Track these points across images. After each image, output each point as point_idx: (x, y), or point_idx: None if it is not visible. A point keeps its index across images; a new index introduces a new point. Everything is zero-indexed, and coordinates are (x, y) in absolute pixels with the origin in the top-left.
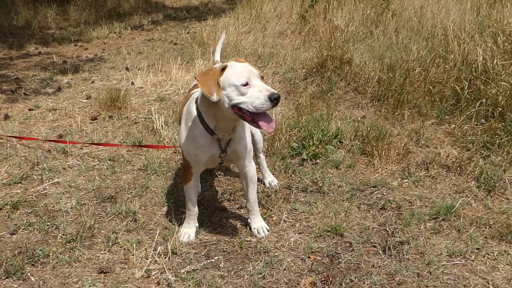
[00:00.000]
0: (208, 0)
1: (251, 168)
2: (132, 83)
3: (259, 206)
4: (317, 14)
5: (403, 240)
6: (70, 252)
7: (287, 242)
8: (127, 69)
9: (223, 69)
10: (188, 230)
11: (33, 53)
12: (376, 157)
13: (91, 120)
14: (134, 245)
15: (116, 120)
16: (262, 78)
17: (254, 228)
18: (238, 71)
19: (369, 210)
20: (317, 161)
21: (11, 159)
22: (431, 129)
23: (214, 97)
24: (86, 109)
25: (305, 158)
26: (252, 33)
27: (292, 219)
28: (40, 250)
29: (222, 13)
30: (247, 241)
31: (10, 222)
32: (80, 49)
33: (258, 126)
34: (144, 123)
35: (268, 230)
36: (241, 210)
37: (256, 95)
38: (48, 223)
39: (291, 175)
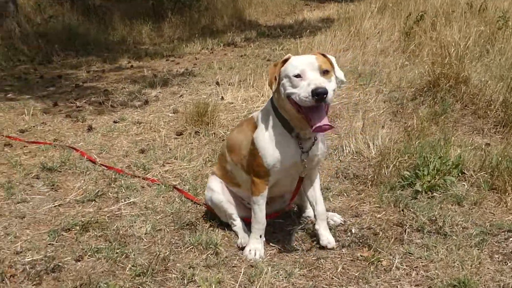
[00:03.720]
0: (303, 18)
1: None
2: (222, 98)
3: (364, 247)
4: (423, 32)
5: None
6: None
7: None
8: (217, 83)
9: (287, 60)
10: (258, 246)
11: (125, 67)
12: (509, 194)
13: (176, 135)
14: (213, 286)
15: (203, 136)
16: (326, 72)
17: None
18: (295, 63)
19: (506, 262)
20: (434, 194)
21: (88, 174)
22: None
23: (272, 87)
24: (171, 123)
25: (419, 190)
26: (350, 50)
27: (406, 265)
28: (105, 284)
29: (318, 31)
30: None
31: (77, 246)
32: (171, 64)
33: (310, 124)
34: None
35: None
36: (343, 250)
37: (305, 87)
38: (117, 251)
39: (402, 210)
